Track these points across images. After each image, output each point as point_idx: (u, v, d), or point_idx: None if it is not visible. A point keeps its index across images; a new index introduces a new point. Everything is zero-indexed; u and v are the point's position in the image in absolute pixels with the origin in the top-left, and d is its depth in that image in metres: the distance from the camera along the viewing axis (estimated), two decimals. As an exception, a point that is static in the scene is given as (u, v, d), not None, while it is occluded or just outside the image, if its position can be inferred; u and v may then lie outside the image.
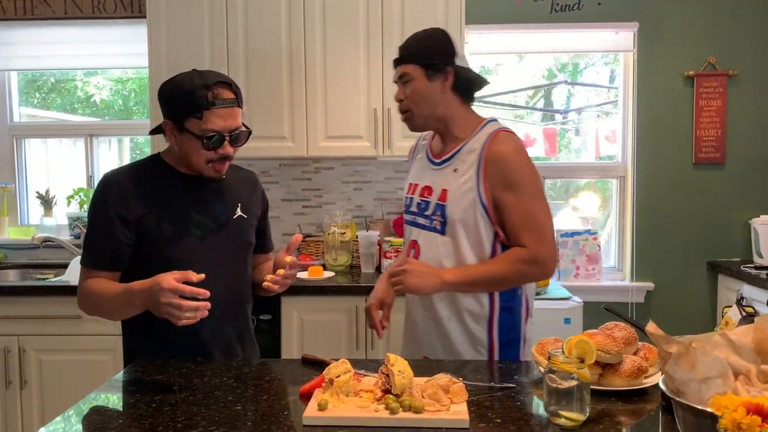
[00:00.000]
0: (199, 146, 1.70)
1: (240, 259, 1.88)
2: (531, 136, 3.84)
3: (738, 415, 0.90)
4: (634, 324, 1.63)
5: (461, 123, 1.92)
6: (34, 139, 3.96)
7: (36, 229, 3.86)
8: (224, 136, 1.71)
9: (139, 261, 1.75)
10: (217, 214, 1.82)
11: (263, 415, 1.35)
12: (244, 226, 1.88)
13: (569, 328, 2.99)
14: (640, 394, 1.44)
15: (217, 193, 1.84)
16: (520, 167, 1.83)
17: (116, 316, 1.80)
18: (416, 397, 1.34)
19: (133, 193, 1.74)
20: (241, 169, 2.00)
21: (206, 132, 1.68)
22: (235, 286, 1.86)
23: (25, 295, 3.03)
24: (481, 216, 1.84)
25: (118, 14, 3.69)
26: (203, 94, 1.67)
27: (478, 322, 1.89)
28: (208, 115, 1.67)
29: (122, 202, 1.72)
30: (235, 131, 1.73)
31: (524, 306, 1.94)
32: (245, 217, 1.88)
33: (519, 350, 1.93)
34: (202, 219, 1.79)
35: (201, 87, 1.67)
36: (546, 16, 3.63)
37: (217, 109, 1.68)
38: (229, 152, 1.74)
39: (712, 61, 3.61)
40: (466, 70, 1.90)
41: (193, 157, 1.74)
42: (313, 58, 3.23)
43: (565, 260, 3.68)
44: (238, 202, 1.88)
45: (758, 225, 3.40)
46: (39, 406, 3.04)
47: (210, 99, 1.67)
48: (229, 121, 1.71)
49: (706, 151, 3.64)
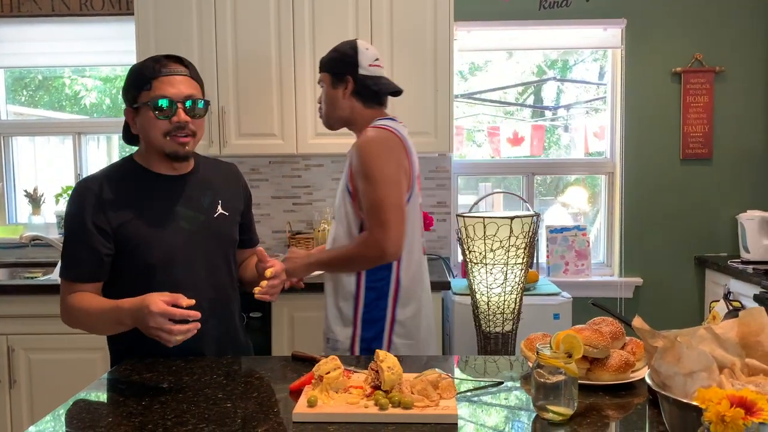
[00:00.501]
0: (153, 117, 1.66)
1: (223, 257, 1.83)
2: (519, 134, 3.85)
3: (722, 408, 0.91)
4: (621, 319, 1.65)
5: (361, 123, 2.15)
6: (22, 137, 3.94)
7: (24, 227, 3.83)
8: (175, 102, 1.66)
9: (120, 268, 1.72)
10: (197, 213, 1.78)
11: (253, 412, 1.36)
12: (226, 223, 1.84)
13: (558, 323, 3.01)
14: (628, 389, 1.46)
15: (196, 191, 1.79)
16: (372, 157, 2.00)
17: (104, 332, 1.76)
18: (405, 393, 1.35)
19: (109, 200, 1.68)
20: (221, 162, 1.96)
21: (155, 99, 1.65)
22: (219, 286, 1.82)
23: (13, 293, 3.01)
24: (349, 204, 2.08)
25: (106, 11, 3.67)
26: (151, 65, 1.68)
27: (346, 298, 2.11)
28: (157, 84, 1.66)
29: (99, 212, 1.67)
30: (189, 99, 1.68)
31: (394, 288, 2.09)
32: (227, 214, 1.84)
33: (384, 330, 2.09)
34: (181, 220, 1.75)
35: (150, 61, 1.69)
36: (534, 13, 3.64)
37: (165, 77, 1.66)
38: (184, 119, 1.67)
39: (699, 58, 3.63)
40: (369, 78, 2.13)
41: (151, 133, 1.68)
42: (302, 55, 3.23)
43: (555, 256, 3.70)
44: (219, 199, 1.83)
45: (745, 220, 3.43)
46: (28, 405, 3.03)
47: (157, 68, 1.67)
48: (180, 88, 1.67)
49: (694, 146, 3.66)
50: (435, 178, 3.72)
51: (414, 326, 2.13)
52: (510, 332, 2.78)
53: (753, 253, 3.38)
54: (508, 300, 2.72)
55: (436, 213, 3.71)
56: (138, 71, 1.69)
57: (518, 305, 2.77)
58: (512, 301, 2.73)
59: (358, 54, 2.12)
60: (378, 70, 2.17)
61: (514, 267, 2.68)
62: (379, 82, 2.16)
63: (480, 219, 2.65)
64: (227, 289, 1.86)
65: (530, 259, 2.75)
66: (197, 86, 1.73)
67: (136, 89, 1.68)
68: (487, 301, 2.74)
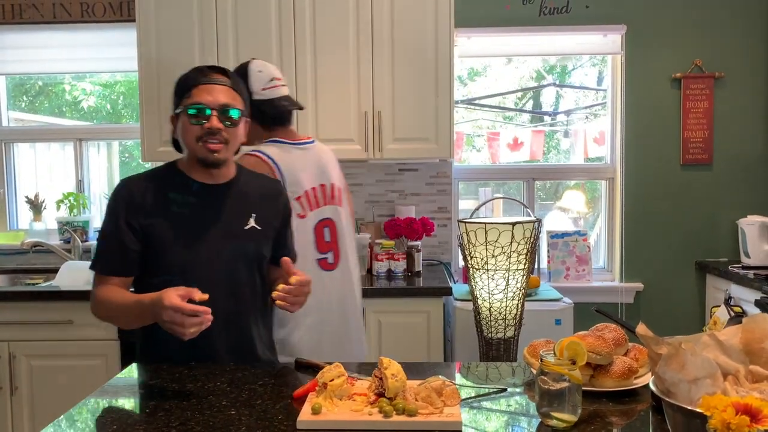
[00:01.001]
0: (188, 122, 1.71)
1: (246, 270, 1.82)
2: (519, 139, 3.86)
3: (727, 415, 0.92)
4: (624, 325, 1.65)
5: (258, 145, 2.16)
6: (23, 144, 3.94)
7: (25, 233, 3.83)
8: (209, 108, 1.70)
9: (146, 267, 1.75)
10: (225, 223, 1.79)
11: (257, 419, 1.36)
12: (256, 237, 1.83)
13: (560, 329, 3.01)
14: (631, 395, 1.46)
15: (229, 201, 1.81)
16: None
17: (128, 325, 1.77)
18: (409, 400, 1.35)
19: (142, 200, 1.74)
20: (265, 177, 1.97)
21: (191, 105, 1.70)
22: (238, 297, 1.80)
23: (14, 300, 3.01)
24: None
25: (107, 18, 3.68)
26: (194, 74, 1.75)
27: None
28: (196, 91, 1.71)
29: (130, 209, 1.73)
30: (224, 107, 1.71)
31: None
32: (259, 228, 1.83)
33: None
34: (209, 227, 1.76)
35: (194, 71, 1.76)
36: (535, 19, 3.65)
37: (204, 85, 1.72)
38: (216, 126, 1.70)
39: (699, 64, 3.64)
40: (263, 103, 2.12)
41: (185, 138, 1.74)
42: (303, 62, 3.24)
43: (555, 261, 3.70)
44: (252, 213, 1.83)
45: (745, 225, 3.43)
46: (30, 412, 3.02)
47: (199, 77, 1.73)
48: (216, 96, 1.71)
49: (694, 152, 3.67)
50: (435, 184, 3.73)
51: (293, 344, 2.09)
52: (512, 338, 2.79)
53: (753, 258, 3.38)
54: (510, 306, 2.72)
55: (437, 218, 3.72)
56: (182, 80, 1.76)
57: (520, 311, 2.77)
58: (514, 307, 2.74)
59: (249, 79, 2.11)
60: (273, 91, 2.15)
61: (515, 273, 2.68)
62: (273, 104, 2.15)
63: (481, 225, 2.65)
64: (246, 302, 1.83)
65: (532, 264, 2.76)
66: (237, 97, 1.77)
67: (178, 96, 1.75)
68: (489, 306, 2.74)
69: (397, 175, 3.73)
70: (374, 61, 3.23)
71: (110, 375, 2.96)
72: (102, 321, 1.83)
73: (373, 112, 3.25)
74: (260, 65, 2.17)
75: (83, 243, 3.69)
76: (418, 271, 3.41)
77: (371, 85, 3.25)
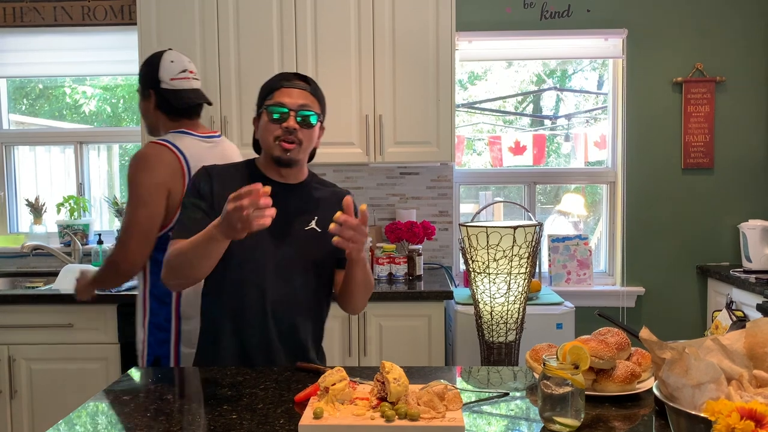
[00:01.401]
0: (267, 122, 1.79)
1: (300, 269, 1.84)
2: (521, 143, 3.86)
3: (732, 420, 0.91)
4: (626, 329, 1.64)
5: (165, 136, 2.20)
6: (23, 147, 3.94)
7: (25, 237, 3.83)
8: (288, 109, 1.77)
9: None
10: (287, 221, 1.82)
11: (258, 423, 1.35)
12: (315, 239, 1.85)
13: (561, 333, 3.00)
14: (634, 400, 1.45)
15: (293, 201, 1.85)
16: (131, 175, 2.07)
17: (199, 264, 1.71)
18: (412, 405, 1.34)
19: (219, 185, 1.80)
20: (336, 187, 2.00)
21: (272, 105, 1.78)
22: (287, 294, 1.82)
23: (14, 303, 3.01)
24: None
25: (108, 21, 3.68)
26: (277, 78, 1.84)
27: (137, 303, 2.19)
28: (277, 93, 1.80)
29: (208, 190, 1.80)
30: (302, 108, 1.78)
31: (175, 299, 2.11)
32: (319, 230, 1.85)
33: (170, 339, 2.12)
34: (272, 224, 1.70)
35: (278, 76, 1.85)
36: (536, 23, 3.66)
37: (286, 88, 1.80)
38: (293, 126, 1.77)
39: (700, 68, 3.64)
40: (169, 92, 2.17)
41: (264, 136, 1.81)
42: (304, 65, 3.24)
43: (557, 265, 3.70)
44: (315, 216, 1.87)
45: (747, 229, 3.43)
46: (29, 416, 3.01)
47: (282, 82, 1.82)
48: (295, 99, 1.79)
49: (695, 156, 3.67)
50: (437, 188, 3.73)
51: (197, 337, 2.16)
52: (513, 342, 2.78)
53: (755, 263, 3.38)
54: (512, 309, 2.72)
55: (438, 222, 3.71)
56: (266, 84, 1.85)
57: (521, 315, 2.76)
58: (515, 311, 2.73)
59: (160, 68, 2.17)
60: (182, 83, 2.18)
61: (517, 276, 2.67)
62: (180, 96, 2.18)
63: (483, 229, 2.65)
64: (296, 303, 1.85)
65: (533, 268, 2.75)
66: (315, 102, 1.84)
67: (261, 98, 1.85)
68: (491, 310, 2.74)
69: (398, 179, 3.73)
70: (375, 64, 3.23)
71: (110, 378, 2.96)
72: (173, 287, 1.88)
73: (374, 115, 3.25)
74: (174, 56, 2.21)
75: (83, 246, 3.69)
76: (419, 274, 3.40)
77: (372, 89, 3.25)
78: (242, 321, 1.81)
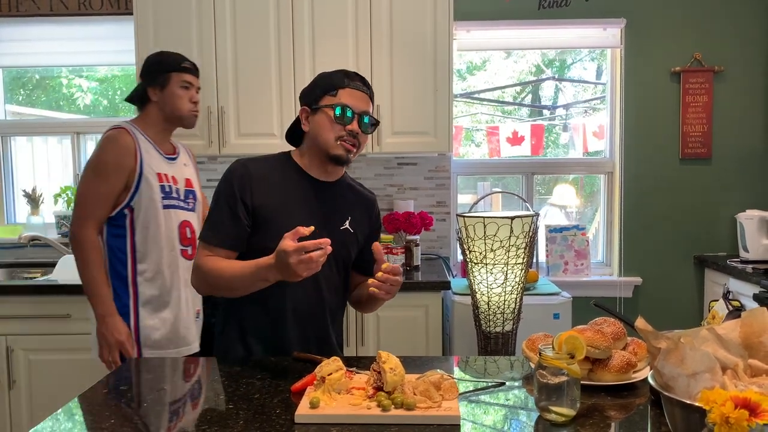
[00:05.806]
0: (331, 120, 1.78)
1: (334, 267, 1.86)
2: (519, 133, 3.85)
3: (726, 409, 0.91)
4: (622, 319, 1.65)
5: None
6: (20, 137, 3.93)
7: (23, 227, 3.82)
8: (354, 111, 1.78)
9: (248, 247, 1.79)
10: (326, 219, 1.83)
11: (255, 413, 1.35)
12: (348, 239, 1.88)
13: (558, 323, 3.01)
14: (630, 389, 1.46)
15: (332, 200, 1.87)
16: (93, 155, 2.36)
17: (239, 292, 1.75)
18: (408, 394, 1.34)
19: (257, 181, 1.80)
20: (364, 189, 2.02)
21: (339, 105, 1.78)
22: (323, 290, 1.85)
23: (12, 294, 3.00)
24: None
25: (105, 11, 3.66)
26: (341, 76, 1.83)
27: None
28: (343, 93, 1.80)
29: (247, 188, 1.78)
30: (365, 114, 1.81)
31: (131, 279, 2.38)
32: (351, 231, 1.89)
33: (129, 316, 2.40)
34: (310, 219, 1.77)
35: (340, 73, 1.84)
36: (534, 12, 3.64)
37: (351, 89, 1.81)
38: (356, 130, 1.79)
39: (699, 57, 3.63)
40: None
41: (324, 133, 1.79)
42: (301, 54, 3.23)
43: (554, 255, 3.70)
44: (349, 215, 1.89)
45: (744, 219, 3.43)
46: (28, 406, 3.02)
47: (347, 81, 1.82)
48: (360, 102, 1.81)
49: (693, 146, 3.67)
50: (434, 178, 3.72)
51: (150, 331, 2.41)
52: (510, 332, 2.78)
53: (752, 253, 3.38)
54: (509, 300, 2.72)
55: (436, 213, 3.71)
56: (328, 77, 1.84)
57: (518, 305, 2.77)
58: (512, 301, 2.73)
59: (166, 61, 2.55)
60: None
61: (514, 267, 2.67)
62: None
63: (480, 219, 2.65)
64: (328, 299, 1.88)
65: (530, 258, 2.75)
66: (372, 107, 1.88)
67: (321, 92, 1.83)
68: (488, 300, 2.74)
69: (396, 169, 3.73)
70: (373, 54, 3.22)
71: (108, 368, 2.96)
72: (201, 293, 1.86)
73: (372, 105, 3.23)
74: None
75: (81, 237, 3.68)
76: (416, 265, 3.41)
77: (370, 78, 3.23)
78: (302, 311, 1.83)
